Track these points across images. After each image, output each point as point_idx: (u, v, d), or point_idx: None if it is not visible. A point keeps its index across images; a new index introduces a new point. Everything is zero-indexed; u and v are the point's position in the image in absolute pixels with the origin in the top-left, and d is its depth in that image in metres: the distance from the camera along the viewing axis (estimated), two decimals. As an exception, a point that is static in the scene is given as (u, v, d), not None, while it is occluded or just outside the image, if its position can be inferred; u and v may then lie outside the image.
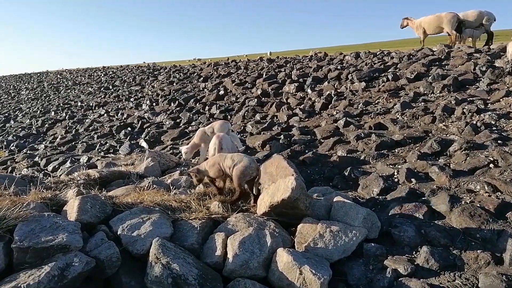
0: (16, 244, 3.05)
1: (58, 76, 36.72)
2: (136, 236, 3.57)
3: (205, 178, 4.92)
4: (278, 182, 4.00)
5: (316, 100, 9.68)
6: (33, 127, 15.53)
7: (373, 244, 3.64)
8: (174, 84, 18.20)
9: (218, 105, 11.85)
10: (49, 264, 2.93)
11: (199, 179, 4.91)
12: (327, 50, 20.15)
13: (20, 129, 15.75)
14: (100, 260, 3.21)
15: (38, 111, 19.66)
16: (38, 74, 43.11)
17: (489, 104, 6.97)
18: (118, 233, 3.64)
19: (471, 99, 7.34)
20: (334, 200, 4.18)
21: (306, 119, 8.56)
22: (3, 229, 3.21)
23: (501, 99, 6.98)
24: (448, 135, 5.95)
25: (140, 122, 12.02)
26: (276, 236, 3.64)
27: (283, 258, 3.28)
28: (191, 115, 11.38)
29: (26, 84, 35.13)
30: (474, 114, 6.48)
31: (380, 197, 4.64)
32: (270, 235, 3.57)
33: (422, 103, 7.76)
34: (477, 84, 8.20)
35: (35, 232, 3.27)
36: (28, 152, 11.29)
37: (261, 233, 3.61)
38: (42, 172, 8.49)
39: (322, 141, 6.92)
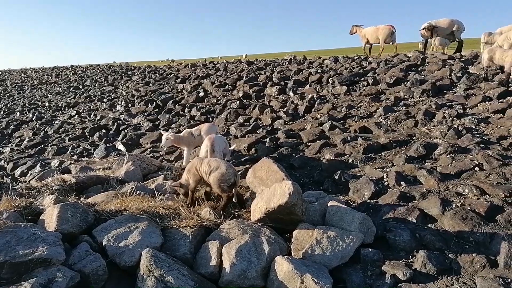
0: (-10, 259, 2.74)
1: (22, 74, 34.75)
2: (124, 246, 3.34)
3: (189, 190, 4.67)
4: (273, 187, 3.87)
5: (299, 103, 9.66)
6: (-3, 129, 14.56)
7: (370, 249, 3.59)
8: (150, 84, 17.67)
9: (198, 107, 11.57)
10: (29, 280, 2.67)
11: (184, 193, 4.68)
12: (302, 54, 20.28)
13: (-18, 130, 14.72)
14: (85, 274, 2.98)
15: (2, 112, 18.49)
16: (0, 73, 40.74)
17: (467, 109, 7.19)
18: (103, 244, 3.39)
19: (450, 103, 7.55)
20: (329, 204, 4.10)
21: (291, 122, 8.50)
22: (-26, 242, 2.89)
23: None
24: (432, 139, 6.06)
25: (115, 124, 11.52)
26: (273, 244, 3.51)
27: (283, 266, 3.15)
28: (170, 117, 11.04)
29: (-13, 83, 33.05)
30: (455, 118, 6.66)
31: (372, 201, 4.62)
32: (267, 243, 3.43)
33: (404, 107, 7.91)
34: (454, 89, 8.47)
35: (11, 244, 2.97)
36: (-8, 155, 10.53)
37: (257, 240, 3.47)
38: (10, 177, 7.92)
39: (309, 144, 6.87)
